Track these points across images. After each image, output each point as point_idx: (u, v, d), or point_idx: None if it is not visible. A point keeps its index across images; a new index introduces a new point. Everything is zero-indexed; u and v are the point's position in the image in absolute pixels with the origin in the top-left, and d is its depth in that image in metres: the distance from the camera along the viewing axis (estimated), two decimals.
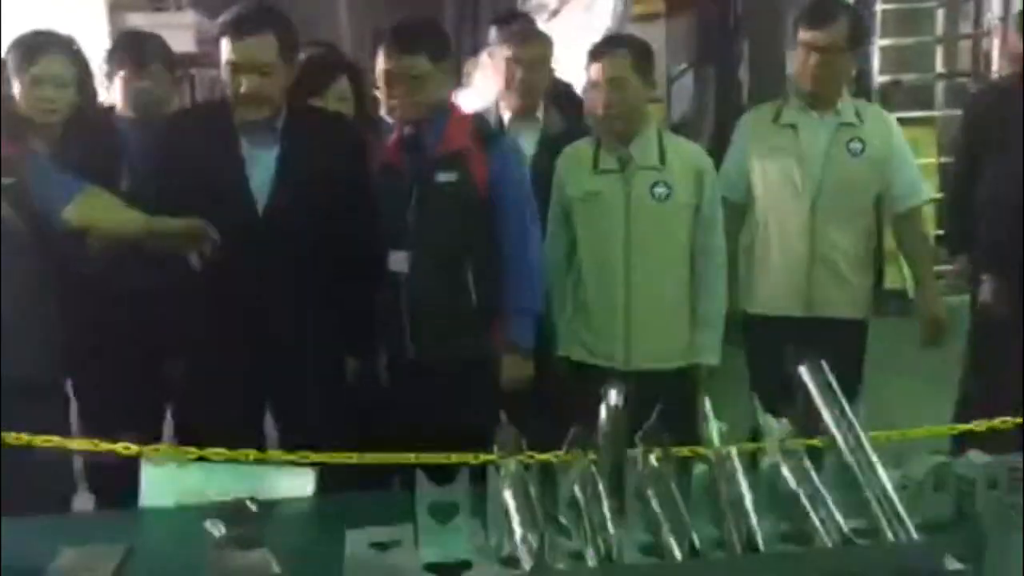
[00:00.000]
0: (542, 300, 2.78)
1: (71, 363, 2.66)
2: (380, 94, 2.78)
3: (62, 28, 2.78)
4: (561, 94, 3.49)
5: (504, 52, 3.18)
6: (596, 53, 2.82)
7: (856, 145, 3.01)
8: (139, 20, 5.98)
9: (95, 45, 3.30)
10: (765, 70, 6.27)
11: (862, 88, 6.07)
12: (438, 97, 2.69)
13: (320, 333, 2.61)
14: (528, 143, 3.05)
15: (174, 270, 2.53)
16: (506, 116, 3.19)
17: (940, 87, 7.17)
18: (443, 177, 2.65)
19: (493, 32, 3.78)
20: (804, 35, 3.00)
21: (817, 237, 3.02)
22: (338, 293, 2.62)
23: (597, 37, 3.78)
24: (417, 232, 2.65)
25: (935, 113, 6.85)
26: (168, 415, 3.03)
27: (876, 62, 6.66)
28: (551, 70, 3.31)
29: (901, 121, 3.30)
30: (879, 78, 6.69)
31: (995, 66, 6.50)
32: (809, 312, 3.04)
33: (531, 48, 3.18)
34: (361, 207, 2.64)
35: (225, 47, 2.48)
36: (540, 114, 3.20)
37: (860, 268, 3.09)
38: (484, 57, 3.86)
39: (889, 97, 6.51)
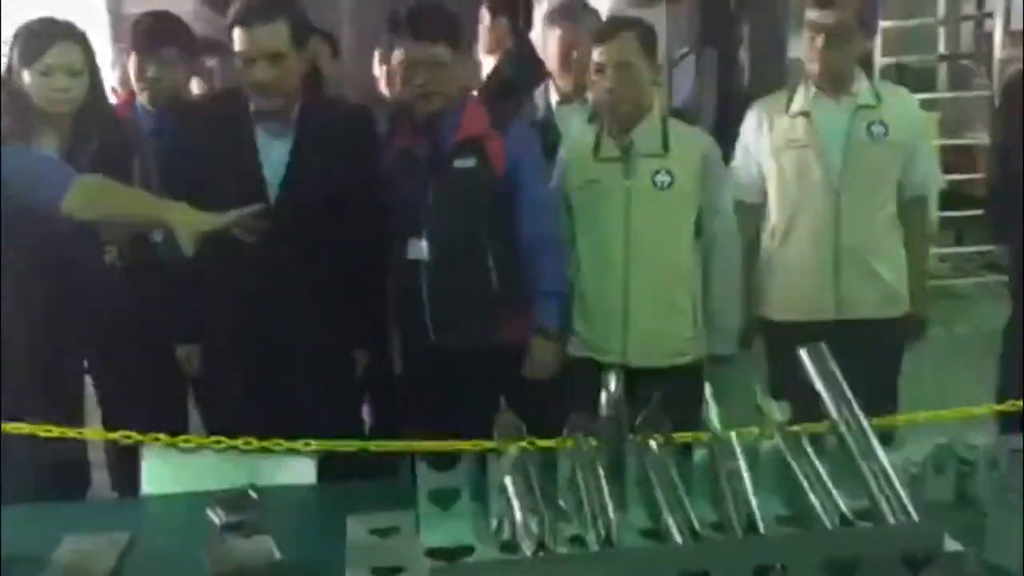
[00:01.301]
0: (567, 281, 2.72)
1: (88, 353, 2.67)
2: (398, 81, 2.73)
3: (58, 14, 2.76)
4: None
5: (555, 32, 3.00)
6: (602, 36, 2.70)
7: (878, 128, 2.82)
8: (137, 7, 5.93)
9: (93, 32, 3.27)
10: (766, 53, 6.24)
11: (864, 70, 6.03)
12: (457, 84, 2.65)
13: (330, 325, 2.61)
14: (575, 126, 2.94)
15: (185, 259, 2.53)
16: (554, 99, 3.03)
17: (943, 69, 7.14)
18: (461, 163, 2.61)
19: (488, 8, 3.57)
20: (811, 15, 2.80)
21: (843, 232, 2.82)
22: (350, 285, 2.61)
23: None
24: (436, 219, 2.61)
25: (937, 95, 6.83)
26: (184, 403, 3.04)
27: (878, 44, 6.62)
28: None
29: None
30: (881, 60, 6.66)
31: (997, 47, 6.48)
32: (840, 315, 2.84)
33: (584, 26, 2.99)
34: (374, 198, 2.63)
35: (237, 37, 2.47)
36: (589, 95, 3.00)
37: (891, 261, 2.89)
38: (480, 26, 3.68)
39: (891, 80, 6.47)
